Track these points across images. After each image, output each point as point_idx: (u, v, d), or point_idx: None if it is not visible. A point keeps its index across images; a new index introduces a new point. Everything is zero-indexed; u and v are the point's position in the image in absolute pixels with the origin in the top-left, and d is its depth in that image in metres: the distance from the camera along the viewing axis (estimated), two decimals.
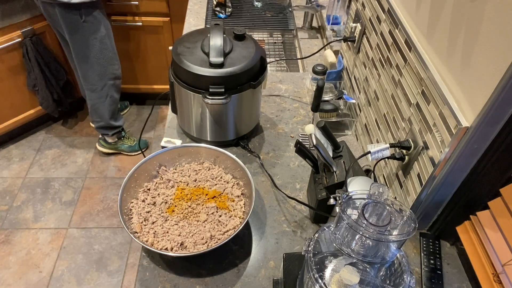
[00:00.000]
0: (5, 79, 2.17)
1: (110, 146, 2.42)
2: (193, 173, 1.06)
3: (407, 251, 0.98)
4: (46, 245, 2.02)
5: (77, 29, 1.85)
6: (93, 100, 2.15)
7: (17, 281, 1.87)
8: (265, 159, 1.21)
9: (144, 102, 2.86)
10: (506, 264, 0.78)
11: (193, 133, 1.22)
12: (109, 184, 2.32)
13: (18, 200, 2.20)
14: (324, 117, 1.32)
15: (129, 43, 2.41)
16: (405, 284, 0.64)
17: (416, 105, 0.92)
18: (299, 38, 1.80)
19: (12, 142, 2.51)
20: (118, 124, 2.31)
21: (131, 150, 2.45)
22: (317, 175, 1.00)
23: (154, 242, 0.90)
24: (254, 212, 1.06)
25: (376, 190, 0.64)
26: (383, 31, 1.10)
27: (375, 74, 1.16)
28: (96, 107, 2.17)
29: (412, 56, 0.93)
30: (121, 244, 2.04)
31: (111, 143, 2.40)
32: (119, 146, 2.42)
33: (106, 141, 2.39)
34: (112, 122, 2.26)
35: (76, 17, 1.80)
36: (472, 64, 0.74)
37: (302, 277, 0.76)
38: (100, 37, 1.93)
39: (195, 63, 1.06)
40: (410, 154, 0.94)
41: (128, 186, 0.97)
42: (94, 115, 2.22)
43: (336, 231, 0.66)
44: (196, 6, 1.96)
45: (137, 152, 2.45)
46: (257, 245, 0.99)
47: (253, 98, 1.17)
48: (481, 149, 0.79)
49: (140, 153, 2.45)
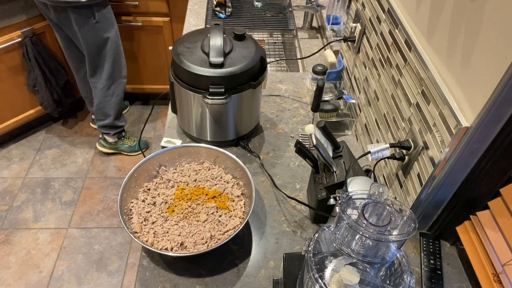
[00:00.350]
0: (5, 79, 2.17)
1: (110, 146, 2.42)
2: (193, 173, 1.06)
3: (407, 251, 0.98)
4: (46, 245, 2.02)
5: (90, 29, 1.89)
6: (99, 98, 2.16)
7: (17, 281, 1.87)
8: (265, 159, 1.21)
9: (144, 102, 2.86)
10: (506, 264, 0.78)
11: (193, 133, 1.22)
12: (109, 184, 2.32)
13: (18, 200, 2.20)
14: (324, 117, 1.32)
15: (129, 43, 2.41)
16: (405, 284, 0.63)
17: (416, 105, 0.92)
18: (299, 38, 1.80)
19: (12, 142, 2.51)
20: (121, 124, 2.32)
21: (131, 150, 2.45)
22: (317, 175, 1.00)
23: (154, 242, 0.90)
24: (254, 212, 1.06)
25: (376, 190, 0.64)
26: (383, 31, 1.10)
27: (375, 74, 1.16)
28: (102, 105, 2.18)
29: (412, 56, 0.93)
30: (121, 244, 2.04)
31: (111, 143, 2.40)
32: (119, 146, 2.42)
33: (106, 141, 2.40)
34: (116, 122, 2.28)
35: (88, 17, 1.84)
36: (472, 64, 0.74)
37: (302, 277, 0.76)
38: (112, 36, 1.97)
39: (195, 63, 1.06)
40: (410, 154, 0.94)
41: (128, 186, 0.97)
42: (100, 113, 2.22)
43: (336, 231, 0.66)
44: (196, 6, 1.96)
45: (137, 152, 2.46)
46: (257, 245, 0.99)
47: (253, 98, 1.17)
48: (481, 149, 0.79)
49: (140, 153, 2.46)
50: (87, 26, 1.87)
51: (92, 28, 1.89)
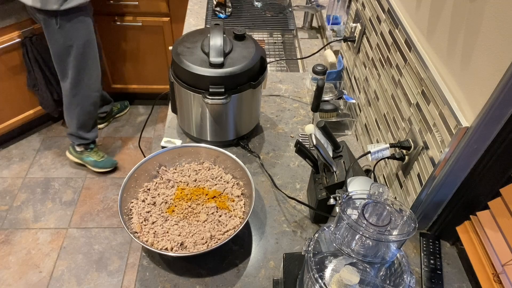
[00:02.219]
0: (5, 79, 2.17)
1: (76, 155, 2.32)
2: (193, 173, 1.06)
3: (407, 251, 0.98)
4: (46, 245, 2.02)
5: (52, 34, 1.82)
6: (64, 105, 2.09)
7: (17, 281, 1.87)
8: (265, 159, 1.21)
9: (144, 102, 2.86)
10: (506, 264, 0.78)
11: (193, 133, 1.22)
12: (109, 184, 2.32)
13: (18, 200, 2.20)
14: (324, 117, 1.32)
15: (129, 43, 2.41)
16: (405, 284, 0.63)
17: (416, 105, 0.92)
18: (299, 38, 1.80)
19: (12, 142, 2.51)
20: (87, 137, 2.21)
21: (95, 165, 2.32)
22: (317, 175, 1.00)
23: (154, 242, 0.90)
24: (254, 212, 1.06)
25: (376, 190, 0.64)
26: (383, 31, 1.10)
27: (375, 74, 1.16)
28: (66, 112, 2.12)
29: (412, 56, 0.93)
30: (121, 244, 2.04)
31: (78, 152, 2.30)
32: (84, 157, 2.31)
33: (74, 149, 2.30)
34: (81, 133, 2.18)
35: (51, 22, 1.77)
36: (472, 64, 0.74)
37: (302, 277, 0.76)
38: (77, 46, 1.87)
39: (195, 63, 1.06)
40: (410, 154, 0.94)
41: (128, 186, 0.97)
42: (65, 119, 2.16)
43: (336, 231, 0.66)
44: (196, 6, 1.96)
45: (101, 170, 2.34)
46: (257, 245, 0.99)
47: (253, 98, 1.17)
48: (481, 149, 0.79)
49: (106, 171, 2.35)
50: (49, 30, 1.80)
51: (54, 34, 1.81)
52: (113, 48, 2.43)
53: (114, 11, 2.25)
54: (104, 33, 2.33)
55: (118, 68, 2.54)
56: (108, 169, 2.35)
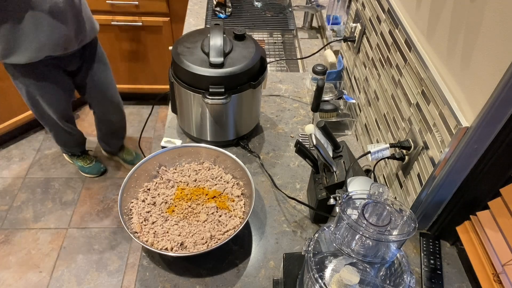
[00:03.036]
0: (5, 79, 2.17)
1: (68, 157, 2.36)
2: (193, 173, 1.06)
3: (407, 251, 0.98)
4: (46, 245, 2.02)
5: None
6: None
7: (17, 281, 1.87)
8: (265, 159, 1.21)
9: (144, 102, 2.86)
10: (506, 264, 0.78)
11: (193, 133, 1.22)
12: (109, 184, 2.32)
13: (18, 200, 2.20)
14: (324, 117, 1.32)
15: (129, 43, 2.41)
16: (405, 284, 0.63)
17: (416, 105, 0.92)
18: (299, 38, 1.80)
19: (12, 142, 2.51)
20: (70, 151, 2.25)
21: (82, 170, 2.33)
22: (317, 175, 1.00)
23: (154, 242, 0.90)
24: (254, 212, 1.06)
25: (376, 190, 0.64)
26: (383, 31, 1.10)
27: (375, 74, 1.16)
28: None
29: (412, 56, 0.93)
30: (121, 244, 2.04)
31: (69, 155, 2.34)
32: (73, 161, 2.34)
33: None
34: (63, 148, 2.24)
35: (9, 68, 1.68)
36: (472, 64, 0.74)
37: (302, 277, 0.76)
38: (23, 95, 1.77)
39: (195, 63, 1.06)
40: (410, 154, 0.94)
41: (128, 186, 0.97)
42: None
43: (336, 231, 0.66)
44: (196, 6, 1.96)
45: (87, 175, 2.34)
46: (257, 245, 0.99)
47: (253, 98, 1.17)
48: (481, 149, 0.79)
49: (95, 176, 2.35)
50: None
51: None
52: (113, 48, 2.43)
53: (114, 11, 2.25)
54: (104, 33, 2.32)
55: (118, 68, 2.54)
56: (95, 175, 2.35)
